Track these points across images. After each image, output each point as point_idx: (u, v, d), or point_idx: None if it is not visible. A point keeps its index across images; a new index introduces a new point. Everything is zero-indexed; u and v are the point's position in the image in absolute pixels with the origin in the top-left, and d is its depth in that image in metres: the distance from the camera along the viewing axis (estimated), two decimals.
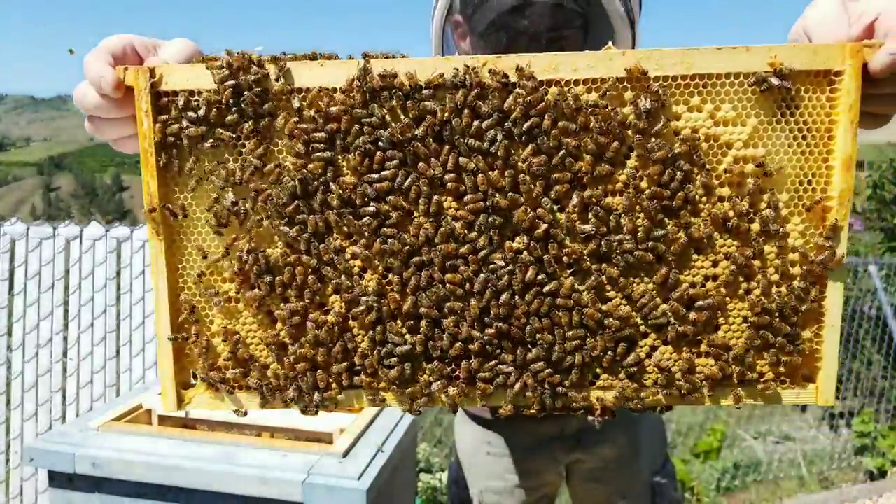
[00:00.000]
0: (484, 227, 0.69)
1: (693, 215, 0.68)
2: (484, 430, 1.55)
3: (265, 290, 0.72)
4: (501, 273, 0.70)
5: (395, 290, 0.71)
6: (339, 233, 0.71)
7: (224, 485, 1.13)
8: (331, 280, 0.72)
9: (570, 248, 0.69)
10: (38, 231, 2.52)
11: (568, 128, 0.67)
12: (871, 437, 4.02)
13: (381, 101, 0.69)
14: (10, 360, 2.50)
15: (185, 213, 0.72)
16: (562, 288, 0.70)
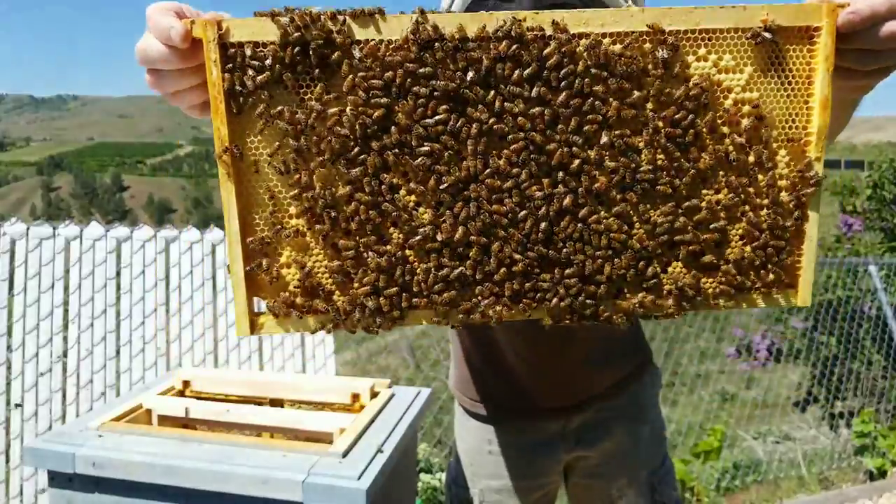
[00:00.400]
0: (525, 163, 0.79)
1: (700, 150, 0.80)
2: (485, 428, 1.54)
3: (329, 224, 0.80)
4: (540, 203, 0.80)
5: (448, 221, 0.80)
6: (395, 172, 0.80)
7: (224, 485, 1.13)
8: (390, 214, 0.80)
9: (599, 180, 0.80)
10: (37, 231, 2.52)
11: (598, 75, 0.78)
12: (872, 437, 4.02)
13: (433, 52, 0.77)
14: (9, 361, 2.50)
15: (253, 155, 0.80)
16: (592, 215, 0.80)
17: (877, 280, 5.14)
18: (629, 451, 1.52)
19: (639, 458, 1.53)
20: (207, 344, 2.74)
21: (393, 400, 1.48)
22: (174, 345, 2.70)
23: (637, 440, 1.52)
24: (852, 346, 5.64)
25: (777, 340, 6.99)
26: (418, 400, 1.51)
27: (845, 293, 5.78)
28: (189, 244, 2.76)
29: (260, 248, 0.81)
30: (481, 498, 1.57)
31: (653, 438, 1.55)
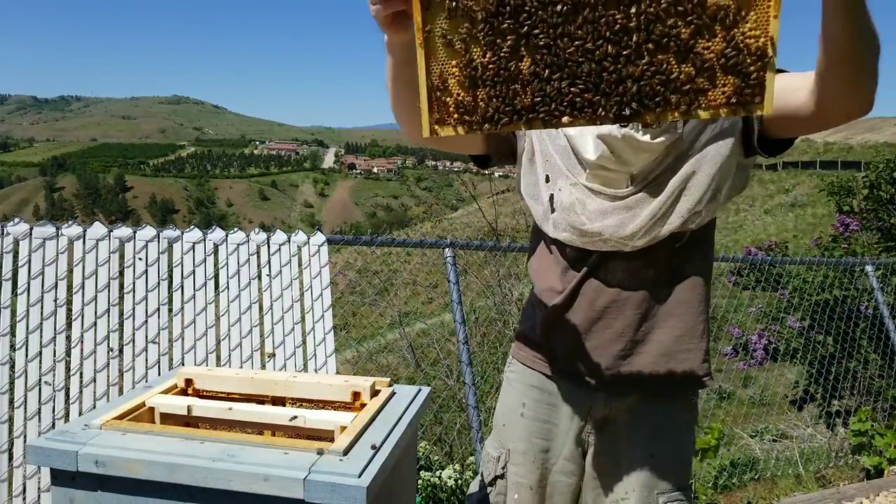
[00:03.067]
0: (585, 25, 1.03)
1: (695, 13, 0.99)
2: (524, 392, 1.63)
3: (487, 56, 1.08)
4: (597, 34, 1.03)
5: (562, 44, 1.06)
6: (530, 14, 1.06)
7: (226, 482, 1.14)
8: (533, 39, 1.07)
9: (639, 37, 1.02)
10: (41, 231, 2.54)
11: None
12: (868, 436, 4.03)
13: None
14: (13, 359, 2.51)
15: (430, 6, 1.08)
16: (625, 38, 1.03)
17: (873, 280, 5.15)
18: (642, 461, 1.52)
19: (653, 475, 1.52)
20: (210, 343, 2.76)
21: (393, 398, 1.50)
22: (176, 344, 2.71)
23: (654, 454, 1.52)
24: (849, 345, 5.66)
25: (774, 339, 7.00)
26: (418, 398, 1.52)
27: (842, 293, 5.79)
28: (191, 244, 2.78)
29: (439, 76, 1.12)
30: (506, 459, 1.63)
31: (675, 462, 1.54)
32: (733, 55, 0.99)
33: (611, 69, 1.04)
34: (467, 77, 1.11)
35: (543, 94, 1.08)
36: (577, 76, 1.06)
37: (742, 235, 27.95)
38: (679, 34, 1.01)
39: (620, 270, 1.49)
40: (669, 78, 1.03)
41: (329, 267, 3.04)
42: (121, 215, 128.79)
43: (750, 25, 0.98)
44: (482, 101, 1.12)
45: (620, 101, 1.06)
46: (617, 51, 1.03)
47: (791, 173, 42.91)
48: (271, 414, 1.38)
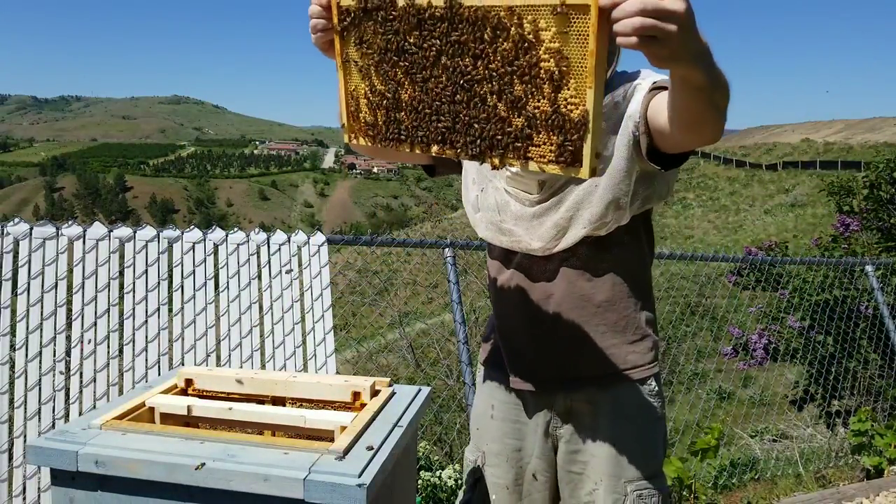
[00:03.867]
0: (445, 71, 1.24)
1: (528, 73, 1.16)
2: (491, 394, 1.70)
3: (382, 85, 1.33)
4: (452, 89, 1.24)
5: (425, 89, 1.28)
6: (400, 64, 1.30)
7: (226, 482, 1.15)
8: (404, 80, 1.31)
9: (479, 89, 1.22)
10: (41, 231, 2.53)
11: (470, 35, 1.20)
12: (868, 436, 4.03)
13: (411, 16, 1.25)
14: (13, 359, 2.52)
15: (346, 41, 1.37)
16: (475, 98, 1.22)
17: (873, 280, 5.15)
18: (606, 452, 1.56)
19: (619, 463, 1.55)
20: (209, 343, 2.76)
21: (393, 398, 1.50)
22: (176, 344, 2.71)
23: (616, 444, 1.55)
24: (849, 345, 5.66)
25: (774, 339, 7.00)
26: (418, 398, 1.53)
27: (842, 293, 5.79)
28: (191, 244, 2.78)
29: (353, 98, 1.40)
30: (483, 461, 1.69)
31: (640, 449, 1.57)
32: (557, 119, 1.15)
33: (463, 112, 1.23)
34: (370, 99, 1.35)
35: (419, 124, 1.29)
36: (441, 113, 1.26)
37: (742, 235, 27.96)
38: (514, 91, 1.17)
39: (542, 271, 1.58)
40: (506, 129, 1.20)
41: (329, 267, 3.04)
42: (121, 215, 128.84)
43: (571, 93, 1.13)
44: (381, 122, 1.35)
45: (469, 141, 1.24)
46: (467, 97, 1.22)
47: (791, 173, 42.91)
48: (271, 414, 1.38)
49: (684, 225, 35.05)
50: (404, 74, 1.29)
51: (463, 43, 1.21)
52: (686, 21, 0.99)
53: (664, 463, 3.11)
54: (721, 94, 1.17)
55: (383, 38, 1.29)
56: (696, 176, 45.28)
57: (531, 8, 1.13)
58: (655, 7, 0.97)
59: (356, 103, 1.39)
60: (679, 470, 3.16)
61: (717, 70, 1.13)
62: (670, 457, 3.24)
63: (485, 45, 1.19)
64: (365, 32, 1.32)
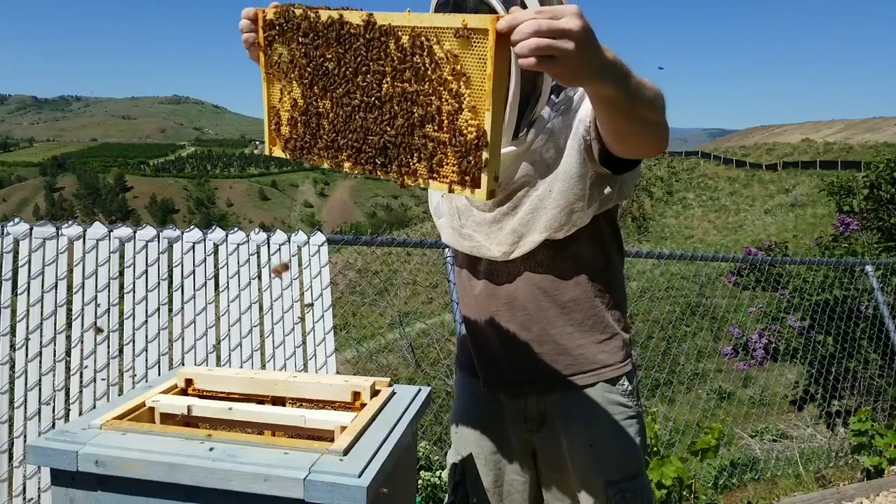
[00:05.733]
0: (359, 88, 1.29)
1: (433, 94, 1.20)
2: (467, 398, 1.71)
3: (302, 99, 1.37)
4: (361, 105, 1.29)
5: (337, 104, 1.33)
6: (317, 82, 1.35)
7: (226, 482, 1.14)
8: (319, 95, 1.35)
9: (388, 107, 1.26)
10: (40, 231, 2.53)
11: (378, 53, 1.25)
12: (868, 436, 4.03)
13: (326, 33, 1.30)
14: (13, 359, 2.52)
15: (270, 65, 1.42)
16: (380, 114, 1.27)
17: (873, 280, 5.15)
18: (584, 454, 1.55)
19: (598, 465, 1.55)
20: (210, 343, 2.76)
21: (393, 398, 1.50)
22: (176, 344, 2.71)
23: (594, 445, 1.55)
24: (849, 345, 5.66)
25: (774, 339, 7.00)
26: (418, 398, 1.52)
27: (842, 293, 5.79)
28: (191, 244, 2.78)
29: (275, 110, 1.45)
30: (461, 465, 1.70)
31: (617, 449, 1.57)
32: (457, 140, 1.18)
33: (374, 130, 1.27)
34: (290, 113, 1.40)
35: (334, 139, 1.33)
36: (354, 129, 1.30)
37: (742, 235, 27.96)
38: (421, 111, 1.21)
39: (506, 275, 1.58)
40: (412, 148, 1.24)
41: (329, 267, 3.04)
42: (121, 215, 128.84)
43: (471, 115, 1.16)
44: (299, 135, 1.39)
45: (380, 159, 1.28)
46: (378, 114, 1.26)
47: (791, 173, 42.92)
48: (271, 414, 1.38)
49: (684, 225, 35.06)
50: (322, 90, 1.33)
51: (375, 61, 1.25)
52: (583, 38, 1.00)
53: (664, 463, 3.11)
54: (646, 107, 1.18)
55: (304, 52, 1.34)
56: (697, 176, 45.29)
57: (436, 30, 1.17)
58: (550, 27, 0.98)
59: (277, 116, 1.43)
60: (679, 470, 3.16)
61: (633, 83, 1.13)
62: (670, 457, 3.24)
63: (394, 64, 1.23)
64: (288, 46, 1.36)
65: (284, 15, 1.36)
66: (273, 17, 1.37)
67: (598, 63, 1.05)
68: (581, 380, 1.57)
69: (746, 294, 7.62)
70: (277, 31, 1.37)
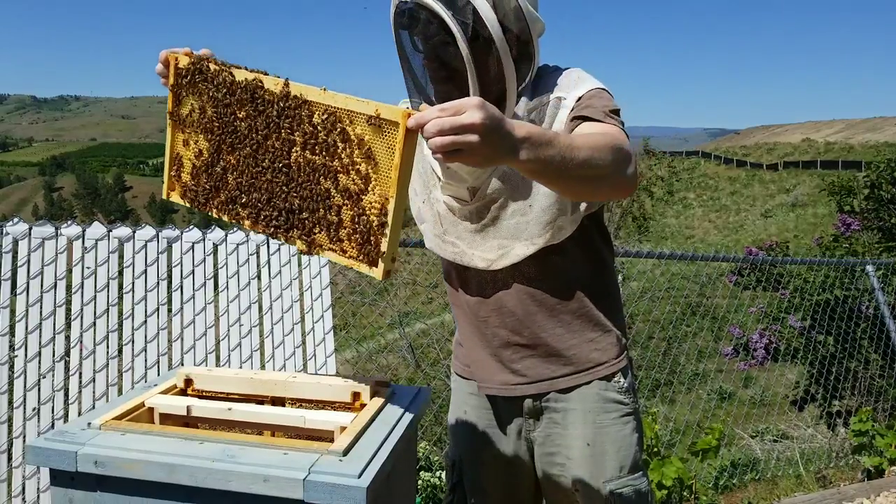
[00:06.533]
0: (268, 152, 1.31)
1: (340, 172, 1.23)
2: (463, 399, 1.72)
3: (208, 151, 1.37)
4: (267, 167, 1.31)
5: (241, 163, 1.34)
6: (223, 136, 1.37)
7: (225, 483, 1.14)
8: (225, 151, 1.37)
9: (296, 175, 1.28)
10: (40, 231, 2.53)
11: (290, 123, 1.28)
12: (869, 436, 4.03)
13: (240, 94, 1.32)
14: (12, 360, 2.51)
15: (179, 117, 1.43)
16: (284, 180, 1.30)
17: (874, 280, 5.15)
18: (581, 452, 1.56)
19: (596, 462, 1.56)
20: (209, 343, 2.76)
21: (393, 398, 1.49)
22: (176, 344, 2.71)
23: (591, 443, 1.56)
24: (850, 345, 5.65)
25: (775, 339, 7.00)
26: (418, 398, 1.52)
27: (843, 293, 5.79)
28: (190, 244, 2.77)
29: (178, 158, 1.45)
30: (459, 465, 1.71)
31: (615, 447, 1.57)
32: (360, 219, 1.22)
33: (279, 194, 1.29)
34: (193, 162, 1.40)
35: (236, 196, 1.34)
36: (259, 190, 1.31)
37: (743, 235, 27.98)
38: (327, 185, 1.24)
39: (492, 281, 1.58)
40: (315, 219, 1.26)
41: (329, 267, 3.03)
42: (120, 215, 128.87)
43: (375, 198, 1.19)
44: (200, 186, 1.40)
45: (281, 223, 1.29)
46: (285, 180, 1.28)
47: (792, 173, 42.93)
48: (271, 414, 1.38)
49: (685, 225, 35.08)
50: (230, 146, 1.34)
51: (287, 129, 1.27)
52: (486, 129, 1.03)
53: (665, 463, 3.11)
54: (580, 168, 1.18)
55: (215, 107, 1.34)
56: (697, 176, 45.30)
57: (350, 112, 1.20)
58: (452, 125, 1.03)
59: (180, 162, 1.43)
60: (680, 470, 3.16)
61: (557, 152, 1.14)
62: (671, 457, 3.24)
63: (306, 137, 1.25)
64: (199, 98, 1.36)
65: (197, 66, 1.36)
66: (185, 66, 1.37)
67: (507, 146, 1.08)
68: (575, 379, 1.57)
69: (747, 294, 7.62)
70: (188, 80, 1.37)
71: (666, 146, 78.10)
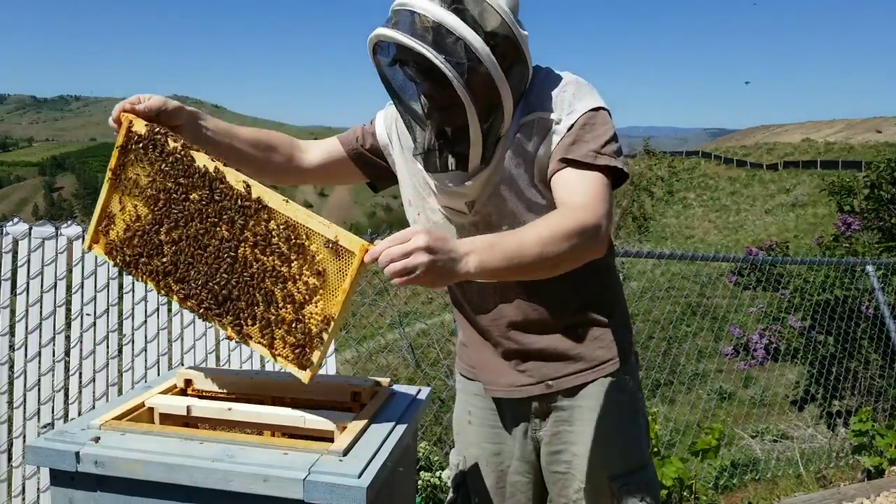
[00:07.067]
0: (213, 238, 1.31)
1: (289, 279, 1.26)
2: (468, 400, 1.72)
3: (147, 219, 1.34)
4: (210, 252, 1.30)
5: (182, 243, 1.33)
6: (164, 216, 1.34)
7: (225, 483, 1.14)
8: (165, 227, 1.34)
9: (240, 268, 1.30)
10: (40, 231, 2.53)
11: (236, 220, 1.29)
12: (869, 436, 4.03)
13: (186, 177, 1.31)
14: (12, 360, 2.51)
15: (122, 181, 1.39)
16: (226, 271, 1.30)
17: (874, 279, 5.15)
18: (587, 451, 1.56)
19: (602, 460, 1.56)
20: (209, 343, 2.75)
21: (393, 399, 1.49)
22: (176, 344, 2.71)
23: (595, 441, 1.56)
24: (850, 345, 5.65)
25: (775, 339, 7.00)
26: (418, 399, 1.52)
27: (843, 292, 5.78)
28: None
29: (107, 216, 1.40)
30: (464, 466, 1.72)
31: (620, 444, 1.58)
32: (299, 326, 1.23)
33: (219, 280, 1.28)
34: (129, 223, 1.36)
35: (171, 270, 1.32)
36: (196, 269, 1.30)
37: (743, 235, 27.98)
38: (274, 287, 1.25)
39: (492, 289, 1.58)
40: (254, 312, 1.26)
41: None
42: None
43: (318, 311, 1.22)
44: (131, 248, 1.36)
45: (216, 308, 1.29)
46: (229, 269, 1.28)
47: (792, 173, 42.92)
48: (271, 414, 1.38)
49: (685, 225, 35.08)
50: (174, 221, 1.32)
51: (241, 225, 1.28)
52: (432, 249, 1.13)
53: (665, 463, 3.11)
54: (536, 264, 1.24)
55: (165, 180, 1.32)
56: (697, 176, 45.29)
57: (310, 230, 1.24)
58: (401, 252, 1.13)
59: (111, 219, 1.38)
60: (680, 470, 3.16)
61: (505, 255, 1.20)
62: (671, 457, 3.24)
63: (258, 238, 1.27)
64: (151, 167, 1.33)
65: (153, 139, 1.33)
66: (143, 134, 1.34)
67: (454, 262, 1.16)
68: (581, 377, 1.57)
69: (747, 294, 7.62)
70: (141, 148, 1.33)
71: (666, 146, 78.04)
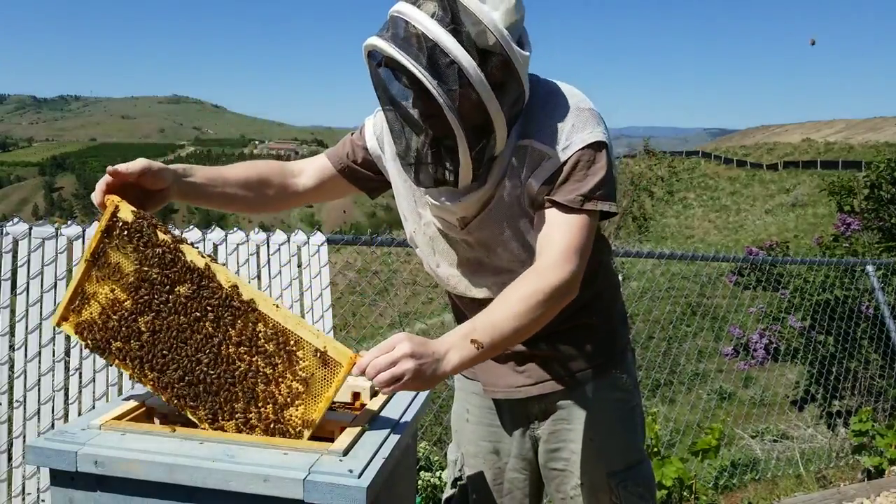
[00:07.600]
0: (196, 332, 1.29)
1: (274, 381, 1.27)
2: (466, 399, 1.73)
3: (126, 306, 1.31)
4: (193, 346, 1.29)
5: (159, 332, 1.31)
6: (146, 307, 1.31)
7: (225, 483, 1.14)
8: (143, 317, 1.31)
9: (222, 364, 1.29)
10: (40, 231, 2.53)
11: None
12: (869, 436, 4.03)
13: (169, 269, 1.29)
14: (12, 360, 2.51)
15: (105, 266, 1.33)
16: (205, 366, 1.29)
17: (874, 280, 5.15)
18: (585, 447, 1.58)
19: (600, 457, 1.58)
20: None
21: (393, 399, 1.49)
22: None
23: (593, 438, 1.57)
24: (850, 345, 5.65)
25: (775, 339, 7.00)
26: (418, 399, 1.52)
27: (843, 293, 5.78)
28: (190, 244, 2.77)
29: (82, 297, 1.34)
30: (462, 463, 1.73)
31: (617, 440, 1.59)
32: (277, 427, 1.25)
33: (198, 373, 1.27)
34: (104, 306, 1.32)
35: (149, 357, 1.30)
36: (174, 360, 1.29)
37: (743, 235, 27.98)
38: (258, 386, 1.25)
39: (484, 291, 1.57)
40: (230, 407, 1.26)
41: (329, 267, 3.03)
42: None
43: (298, 414, 1.24)
44: (105, 331, 1.32)
45: (187, 392, 1.28)
46: (211, 363, 1.27)
47: (792, 173, 42.93)
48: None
49: (685, 225, 35.08)
50: (155, 310, 1.29)
51: (228, 324, 1.27)
52: (417, 353, 1.17)
53: (665, 463, 3.11)
54: (515, 339, 1.30)
55: (150, 269, 1.29)
56: (697, 176, 45.30)
57: (299, 338, 1.24)
58: (387, 361, 1.17)
59: (85, 299, 1.33)
60: (680, 470, 3.16)
61: (491, 341, 1.24)
62: (671, 457, 3.24)
63: (242, 338, 1.26)
64: (136, 253, 1.29)
65: (140, 228, 1.28)
66: (129, 222, 1.28)
67: (441, 364, 1.20)
68: (578, 377, 1.59)
69: (747, 294, 7.62)
70: (126, 235, 1.29)
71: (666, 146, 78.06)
